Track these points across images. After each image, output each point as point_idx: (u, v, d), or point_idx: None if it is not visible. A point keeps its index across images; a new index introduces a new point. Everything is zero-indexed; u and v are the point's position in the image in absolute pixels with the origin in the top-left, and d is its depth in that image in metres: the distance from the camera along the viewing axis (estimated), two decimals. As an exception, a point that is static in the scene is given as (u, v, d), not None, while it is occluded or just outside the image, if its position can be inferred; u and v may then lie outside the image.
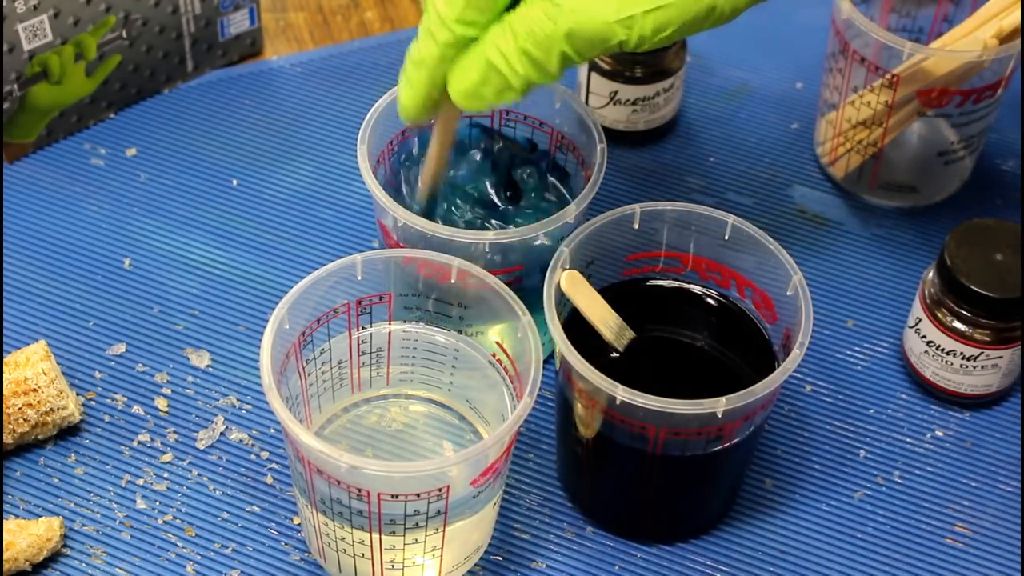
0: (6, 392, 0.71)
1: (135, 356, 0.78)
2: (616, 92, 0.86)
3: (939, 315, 0.74)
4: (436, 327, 0.70)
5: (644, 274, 0.72)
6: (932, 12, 0.86)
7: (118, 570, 0.70)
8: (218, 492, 0.73)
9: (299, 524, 0.72)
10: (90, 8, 0.84)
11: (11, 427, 0.72)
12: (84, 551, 0.70)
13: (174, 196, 0.86)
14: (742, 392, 0.63)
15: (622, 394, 0.62)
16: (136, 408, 0.76)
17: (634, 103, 0.86)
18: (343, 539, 0.65)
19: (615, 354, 0.69)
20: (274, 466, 0.74)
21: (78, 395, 0.76)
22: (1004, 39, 0.77)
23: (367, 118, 0.73)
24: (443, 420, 0.72)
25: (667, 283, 0.72)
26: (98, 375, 0.77)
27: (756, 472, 0.75)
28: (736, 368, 0.70)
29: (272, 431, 0.75)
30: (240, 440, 0.75)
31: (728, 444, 0.66)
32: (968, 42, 0.78)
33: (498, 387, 0.69)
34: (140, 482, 0.73)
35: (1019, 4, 0.78)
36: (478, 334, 0.69)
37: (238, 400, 0.76)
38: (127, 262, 0.83)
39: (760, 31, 0.96)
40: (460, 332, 0.70)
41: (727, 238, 0.70)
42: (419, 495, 0.62)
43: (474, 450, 0.61)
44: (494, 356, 0.69)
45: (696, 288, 0.72)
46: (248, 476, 0.73)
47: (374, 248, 0.79)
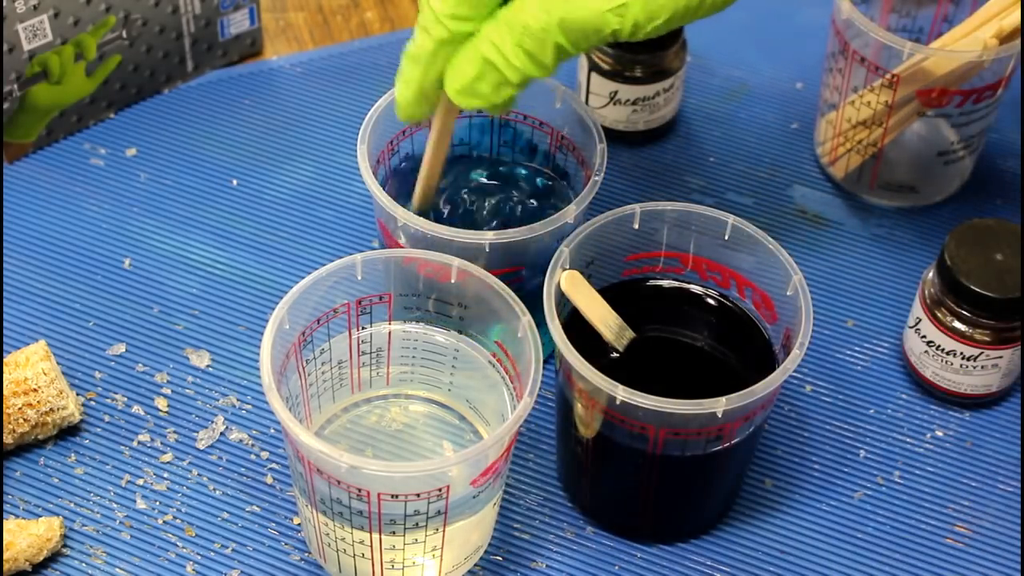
0: (6, 392, 0.71)
1: (135, 356, 0.78)
2: (616, 92, 0.86)
3: (939, 315, 0.74)
4: (436, 327, 0.70)
5: (644, 274, 0.72)
6: (932, 12, 0.86)
7: (118, 570, 0.70)
8: (218, 492, 0.73)
9: (299, 524, 0.72)
10: (90, 8, 0.84)
11: (11, 427, 0.72)
12: (84, 551, 0.70)
13: (174, 196, 0.86)
14: (742, 392, 0.63)
15: (622, 394, 0.62)
16: (136, 408, 0.76)
17: (634, 103, 0.86)
18: (343, 539, 0.65)
19: (615, 354, 0.69)
20: (274, 466, 0.74)
21: (78, 395, 0.76)
22: (1004, 39, 0.77)
23: (367, 118, 0.73)
24: (443, 420, 0.72)
25: (667, 283, 0.72)
26: (98, 375, 0.77)
27: (756, 472, 0.75)
28: (736, 368, 0.70)
29: (272, 431, 0.75)
30: (240, 440, 0.75)
31: (728, 444, 0.66)
32: (968, 42, 0.78)
33: (498, 387, 0.69)
34: (140, 482, 0.73)
35: (1019, 4, 0.78)
36: (478, 334, 0.69)
37: (238, 400, 0.76)
38: (127, 262, 0.83)
39: (760, 31, 0.96)
40: (460, 332, 0.70)
41: (727, 238, 0.70)
42: (419, 495, 0.62)
43: (474, 450, 0.61)
44: (494, 356, 0.69)
45: (696, 288, 0.72)
46: (248, 476, 0.73)
47: (374, 248, 0.79)
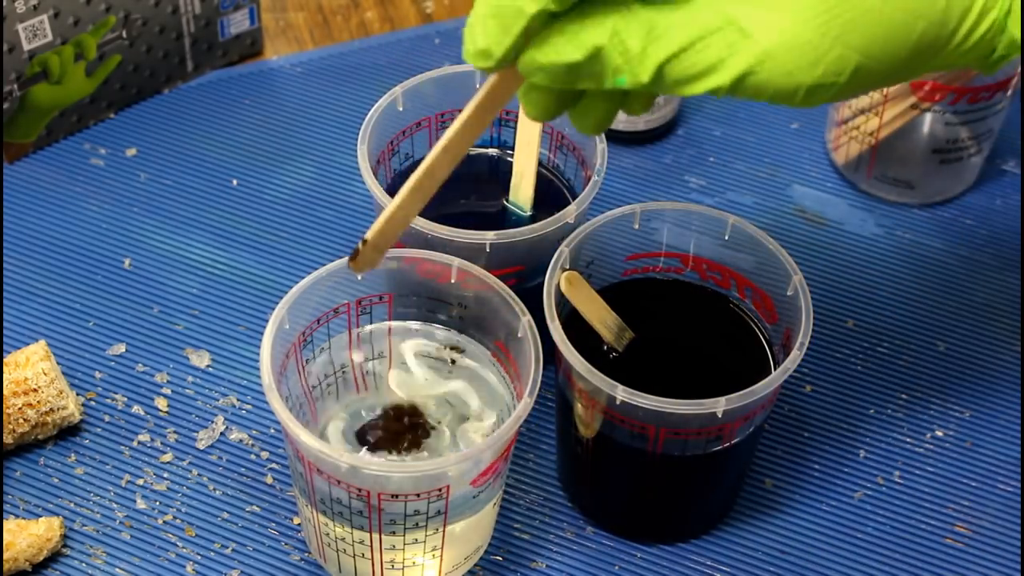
0: (6, 392, 0.71)
1: (135, 356, 0.78)
2: (616, 92, 0.86)
3: None
4: (436, 327, 0.70)
5: (644, 274, 0.72)
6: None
7: (118, 570, 0.70)
8: (218, 492, 0.73)
9: (299, 524, 0.72)
10: (90, 8, 0.84)
11: (11, 427, 0.72)
12: (84, 551, 0.70)
13: (174, 196, 0.86)
14: (742, 392, 0.63)
15: (622, 394, 0.62)
16: (136, 408, 0.76)
17: (634, 103, 0.86)
18: (343, 539, 0.65)
19: (615, 354, 0.69)
20: (274, 466, 0.74)
21: (78, 395, 0.76)
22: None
23: (367, 118, 0.73)
24: (443, 420, 0.72)
25: (667, 283, 0.72)
26: (98, 375, 0.77)
27: (756, 472, 0.75)
28: (736, 368, 0.70)
29: (272, 431, 0.75)
30: (240, 440, 0.75)
31: (728, 444, 0.66)
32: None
33: (498, 387, 0.69)
34: (140, 482, 0.73)
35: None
36: (478, 334, 0.69)
37: (238, 400, 0.76)
38: (127, 262, 0.83)
39: (760, 31, 0.96)
40: (460, 332, 0.70)
41: (727, 238, 0.70)
42: (419, 495, 0.62)
43: (474, 450, 0.61)
44: (494, 356, 0.69)
45: (696, 288, 0.72)
46: (248, 476, 0.73)
47: (374, 248, 0.79)
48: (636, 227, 0.70)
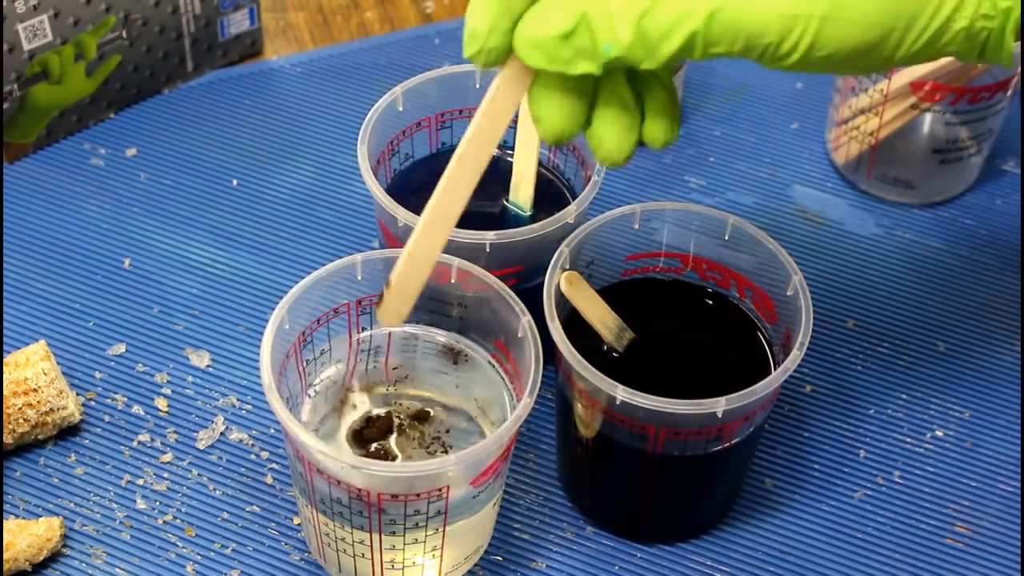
0: (6, 392, 0.71)
1: (135, 356, 0.78)
2: (616, 92, 0.85)
3: None
4: (436, 327, 0.70)
5: (644, 274, 0.72)
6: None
7: (118, 570, 0.70)
8: (218, 492, 0.73)
9: (299, 524, 0.72)
10: (90, 8, 0.84)
11: (11, 427, 0.72)
12: (84, 551, 0.70)
13: (174, 196, 0.86)
14: (742, 392, 0.63)
15: (622, 394, 0.62)
16: (136, 408, 0.76)
17: (634, 103, 0.86)
18: (343, 539, 0.65)
19: (615, 354, 0.69)
20: (274, 466, 0.74)
21: (78, 395, 0.76)
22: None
23: (367, 118, 0.73)
24: (442, 420, 0.72)
25: (667, 283, 0.72)
26: (98, 375, 0.77)
27: (756, 472, 0.75)
28: (736, 368, 0.70)
29: (272, 431, 0.75)
30: (240, 440, 0.75)
31: (728, 444, 0.66)
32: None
33: (498, 387, 0.69)
34: (140, 482, 0.73)
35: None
36: (478, 334, 0.69)
37: (238, 400, 0.76)
38: (127, 262, 0.83)
39: (760, 31, 0.96)
40: (460, 332, 0.70)
41: (727, 238, 0.70)
42: (419, 495, 0.62)
43: (474, 450, 0.61)
44: (494, 356, 0.69)
45: (696, 288, 0.72)
46: (248, 476, 0.73)
47: (374, 248, 0.79)
48: (636, 227, 0.70)
